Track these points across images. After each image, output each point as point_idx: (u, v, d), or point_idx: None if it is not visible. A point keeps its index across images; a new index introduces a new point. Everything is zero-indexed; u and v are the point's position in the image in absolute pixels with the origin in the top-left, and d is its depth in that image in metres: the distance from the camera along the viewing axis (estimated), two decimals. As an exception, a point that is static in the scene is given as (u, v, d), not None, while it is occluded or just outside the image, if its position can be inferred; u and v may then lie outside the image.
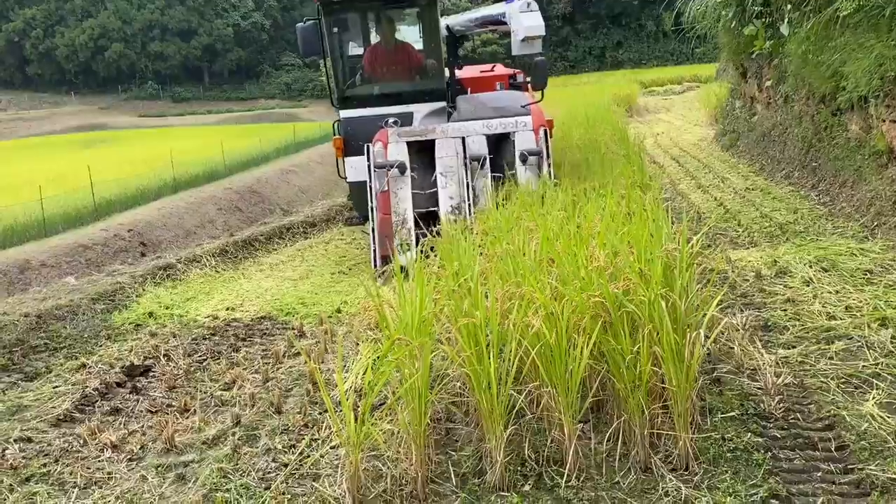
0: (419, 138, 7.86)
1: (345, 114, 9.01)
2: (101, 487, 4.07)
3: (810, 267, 6.32)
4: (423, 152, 7.96)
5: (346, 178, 9.02)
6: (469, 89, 10.33)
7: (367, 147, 7.86)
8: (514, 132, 7.83)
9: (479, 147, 7.78)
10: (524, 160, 7.66)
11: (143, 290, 8.38)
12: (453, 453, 3.94)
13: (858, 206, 7.85)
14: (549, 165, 7.70)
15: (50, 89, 70.22)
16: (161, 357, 6.12)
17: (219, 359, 6.01)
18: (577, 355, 3.51)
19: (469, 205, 7.50)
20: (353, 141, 8.76)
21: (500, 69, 11.92)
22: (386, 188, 7.57)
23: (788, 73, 11.20)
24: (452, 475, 3.70)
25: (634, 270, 3.87)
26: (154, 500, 3.90)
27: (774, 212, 8.79)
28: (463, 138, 7.73)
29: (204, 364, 5.95)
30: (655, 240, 4.25)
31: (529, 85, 10.56)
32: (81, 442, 4.60)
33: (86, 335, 6.87)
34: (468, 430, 4.13)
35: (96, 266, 11.97)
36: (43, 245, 13.55)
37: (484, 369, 3.52)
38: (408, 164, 7.69)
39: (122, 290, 8.26)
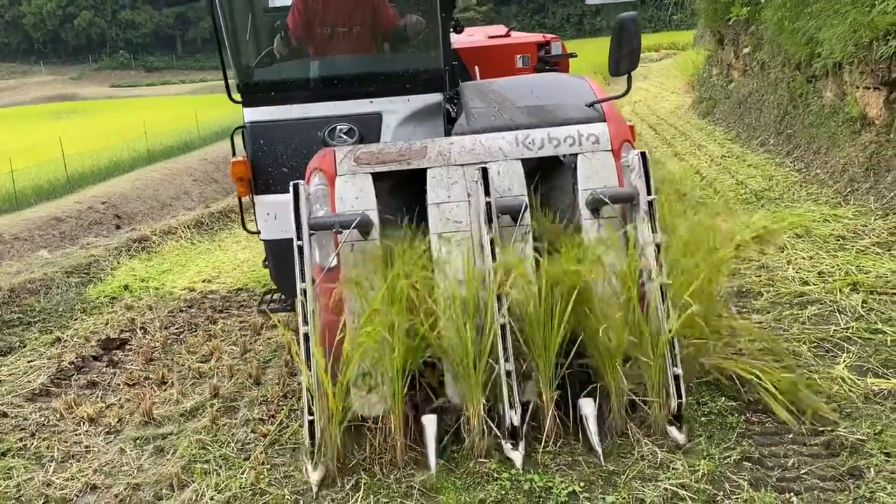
0: (396, 167, 4.00)
1: (253, 115, 4.58)
2: (78, 461, 4.07)
3: (785, 234, 6.39)
4: (401, 191, 4.22)
5: (257, 232, 4.74)
6: (475, 69, 6.21)
7: (296, 186, 3.80)
8: (575, 155, 3.99)
9: (513, 183, 3.92)
10: (595, 209, 3.88)
11: (118, 262, 8.30)
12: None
13: (832, 172, 7.92)
14: (651, 228, 3.70)
15: (18, 59, 68.60)
16: (137, 330, 6.08)
17: (196, 331, 5.98)
18: (555, 325, 3.54)
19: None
20: (268, 167, 4.55)
21: (520, 36, 7.28)
22: (334, 264, 3.84)
23: (765, 40, 11.22)
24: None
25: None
26: (133, 472, 3.91)
27: (750, 179, 8.85)
28: (483, 167, 3.79)
29: (181, 336, 5.92)
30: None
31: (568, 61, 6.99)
32: (58, 416, 4.59)
33: (60, 309, 6.80)
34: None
35: (70, 239, 11.79)
36: (15, 218, 13.32)
37: (462, 342, 3.54)
38: (375, 219, 3.89)
39: (97, 263, 8.17)
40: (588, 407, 3.71)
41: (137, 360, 5.45)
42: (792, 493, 3.20)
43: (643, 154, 3.78)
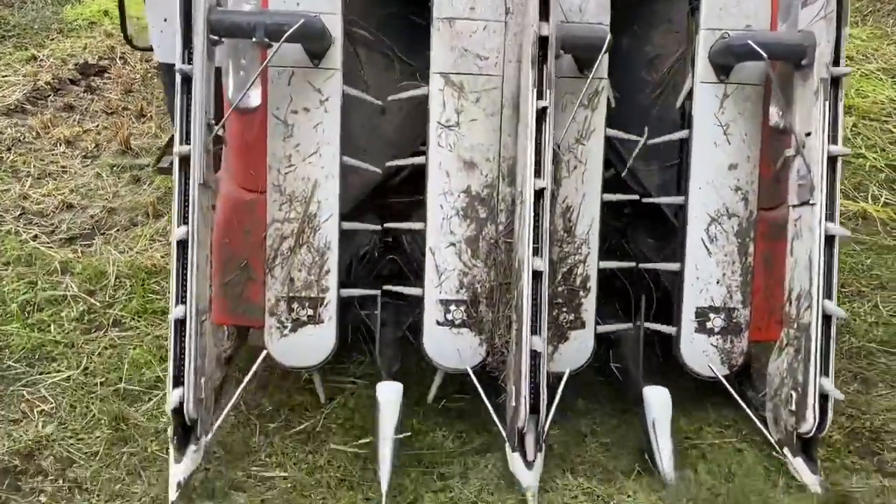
0: None
1: None
2: (55, 179, 4.12)
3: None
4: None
5: (148, 48, 3.61)
6: None
7: None
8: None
9: (588, 2, 2.46)
10: (724, 66, 2.47)
11: (98, -14, 7.83)
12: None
13: (858, -11, 7.50)
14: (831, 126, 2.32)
15: None
16: (117, 59, 5.88)
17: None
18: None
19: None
20: None
21: None
22: (255, 102, 2.45)
23: None
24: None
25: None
26: (108, 196, 3.98)
27: None
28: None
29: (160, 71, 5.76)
30: None
31: None
32: (34, 134, 4.58)
33: (36, 26, 6.50)
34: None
35: (47, -46, 11.02)
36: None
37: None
38: (336, 29, 2.40)
39: (75, -17, 7.71)
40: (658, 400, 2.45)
41: (116, 90, 5.34)
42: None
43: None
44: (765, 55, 2.25)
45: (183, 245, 2.19)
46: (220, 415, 2.38)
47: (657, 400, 2.41)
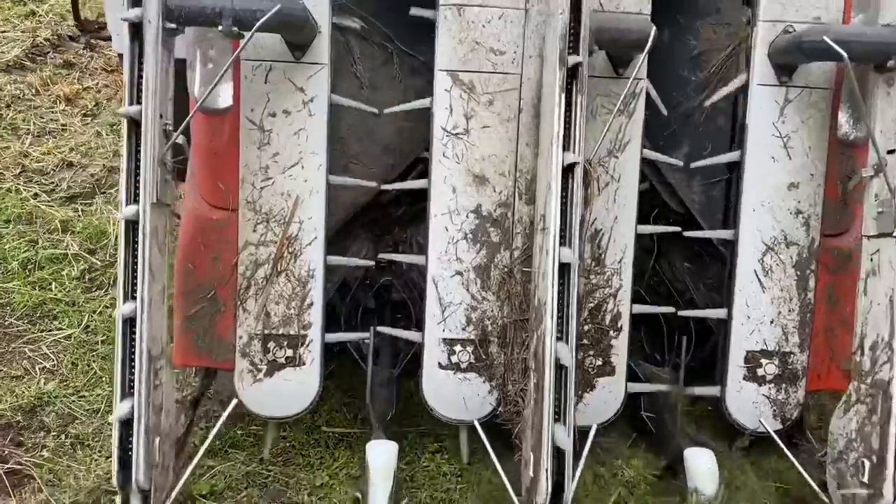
0: None
1: None
2: (55, 137, 4.03)
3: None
4: None
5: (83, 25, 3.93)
6: None
7: None
8: None
9: None
10: (787, 66, 2.08)
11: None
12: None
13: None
14: None
15: None
16: (119, 14, 5.67)
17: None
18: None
19: None
20: None
21: None
22: (225, 103, 2.04)
23: None
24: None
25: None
26: (109, 155, 3.90)
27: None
28: None
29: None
30: None
31: None
32: (34, 91, 4.45)
33: (32, -19, 6.23)
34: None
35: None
36: None
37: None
38: (323, 15, 2.03)
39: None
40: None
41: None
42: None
43: None
44: (844, 55, 1.83)
45: (130, 283, 1.79)
46: (183, 472, 1.99)
47: (701, 465, 2.02)
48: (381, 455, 1.97)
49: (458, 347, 2.12)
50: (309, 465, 2.25)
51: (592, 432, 2.08)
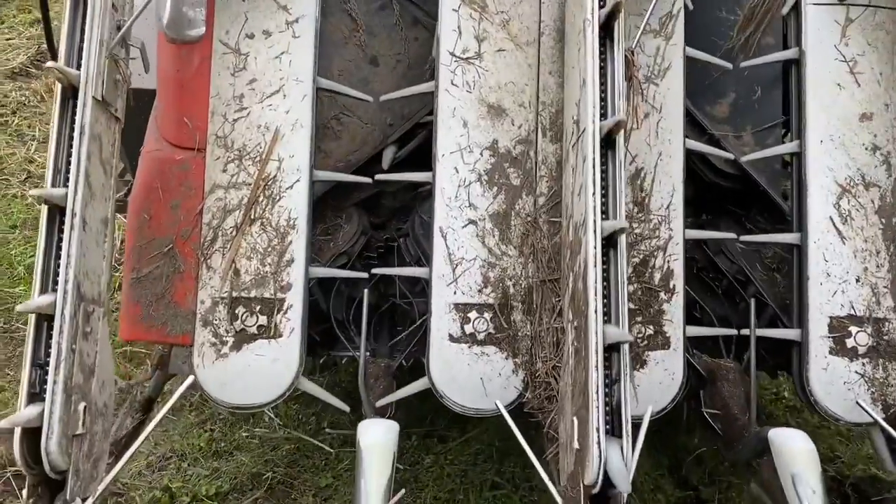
0: None
1: None
2: None
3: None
4: None
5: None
6: None
7: None
8: None
9: None
10: None
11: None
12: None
13: None
14: None
15: None
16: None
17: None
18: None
19: None
20: None
21: None
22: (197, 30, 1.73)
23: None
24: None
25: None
26: None
27: None
28: None
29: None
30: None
31: None
32: (39, 98, 4.51)
33: (38, -12, 6.26)
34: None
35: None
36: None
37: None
38: None
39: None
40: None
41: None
42: None
43: None
44: None
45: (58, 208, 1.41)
46: (111, 472, 1.51)
47: (796, 447, 1.55)
48: (377, 434, 1.51)
49: (472, 314, 1.70)
50: (314, 467, 2.26)
51: (647, 417, 1.62)
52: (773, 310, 1.90)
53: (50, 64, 1.38)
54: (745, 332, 1.82)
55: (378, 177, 1.83)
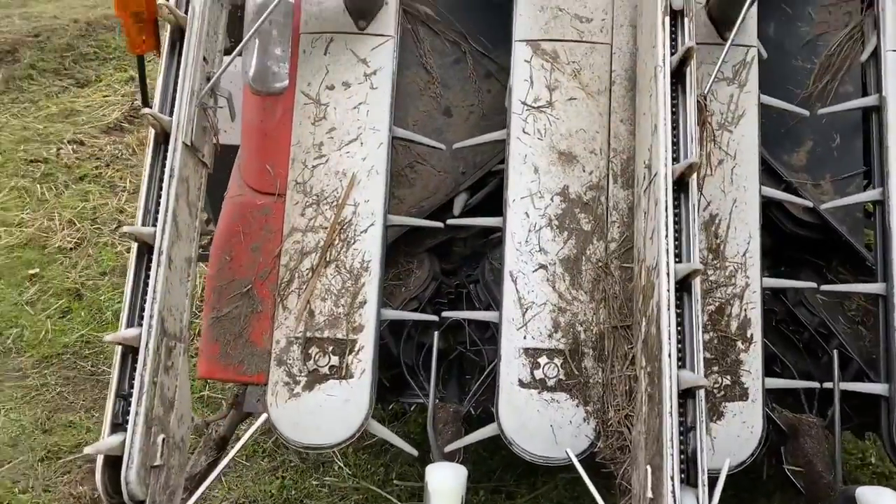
0: None
1: None
2: None
3: None
4: None
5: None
6: None
7: None
8: None
9: None
10: None
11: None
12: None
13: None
14: None
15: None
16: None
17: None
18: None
19: None
20: None
21: None
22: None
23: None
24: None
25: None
26: None
27: None
28: None
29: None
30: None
31: None
32: (131, 151, 4.75)
33: (136, 51, 6.67)
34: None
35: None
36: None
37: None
38: None
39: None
40: None
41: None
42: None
43: None
44: None
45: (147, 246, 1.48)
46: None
47: None
48: (447, 479, 1.50)
49: (543, 359, 1.69)
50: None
51: (724, 469, 1.56)
52: (857, 364, 1.82)
53: (146, 110, 1.48)
54: (827, 385, 1.75)
55: (450, 221, 1.87)
